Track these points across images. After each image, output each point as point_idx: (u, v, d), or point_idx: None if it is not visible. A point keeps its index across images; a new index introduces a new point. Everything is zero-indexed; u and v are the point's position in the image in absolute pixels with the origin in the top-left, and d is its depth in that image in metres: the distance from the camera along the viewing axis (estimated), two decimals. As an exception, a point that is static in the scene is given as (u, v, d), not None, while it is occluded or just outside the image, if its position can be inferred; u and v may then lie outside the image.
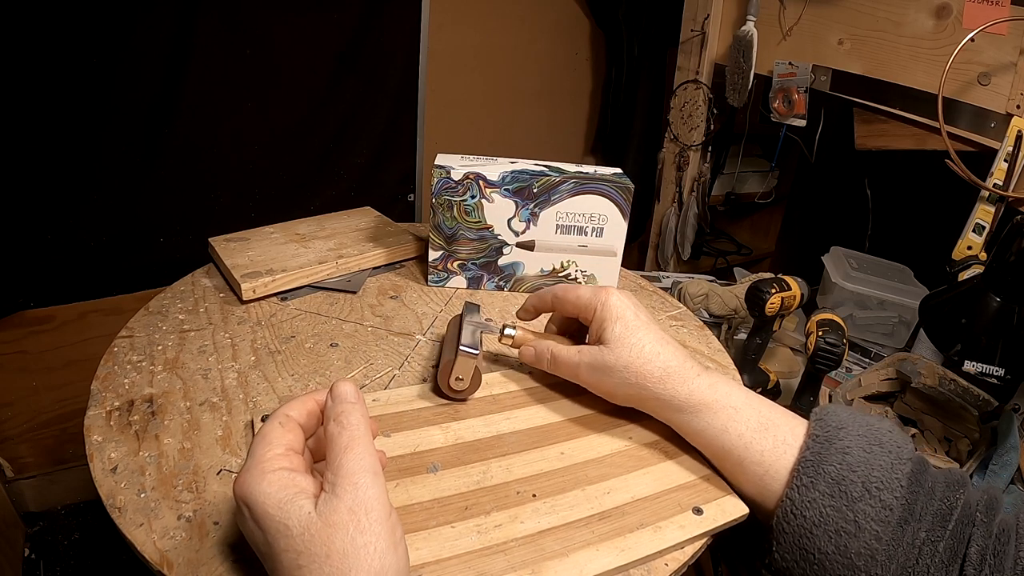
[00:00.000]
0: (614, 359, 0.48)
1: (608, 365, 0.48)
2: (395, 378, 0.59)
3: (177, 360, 0.58)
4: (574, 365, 0.50)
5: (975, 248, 0.90)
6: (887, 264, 1.31)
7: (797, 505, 0.41)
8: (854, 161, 1.25)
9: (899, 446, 0.42)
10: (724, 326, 1.15)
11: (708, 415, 0.46)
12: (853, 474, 0.40)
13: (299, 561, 0.31)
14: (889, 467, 0.40)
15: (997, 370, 0.70)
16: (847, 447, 0.41)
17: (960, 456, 0.81)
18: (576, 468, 0.49)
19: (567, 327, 0.57)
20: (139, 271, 1.20)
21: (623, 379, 0.48)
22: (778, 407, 0.47)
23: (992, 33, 0.87)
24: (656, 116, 1.79)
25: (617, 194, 0.71)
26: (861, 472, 0.40)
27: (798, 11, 1.17)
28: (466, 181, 0.70)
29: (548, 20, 1.73)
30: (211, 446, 0.49)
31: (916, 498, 0.40)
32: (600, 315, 0.50)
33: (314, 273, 0.73)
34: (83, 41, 1.02)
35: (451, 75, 1.61)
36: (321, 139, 1.34)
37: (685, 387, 0.47)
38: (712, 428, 0.46)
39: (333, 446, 0.34)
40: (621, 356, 0.48)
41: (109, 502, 0.43)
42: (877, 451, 0.41)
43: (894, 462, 0.40)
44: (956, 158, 0.89)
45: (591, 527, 0.43)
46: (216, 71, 1.15)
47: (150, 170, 1.16)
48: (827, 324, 0.84)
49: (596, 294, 0.51)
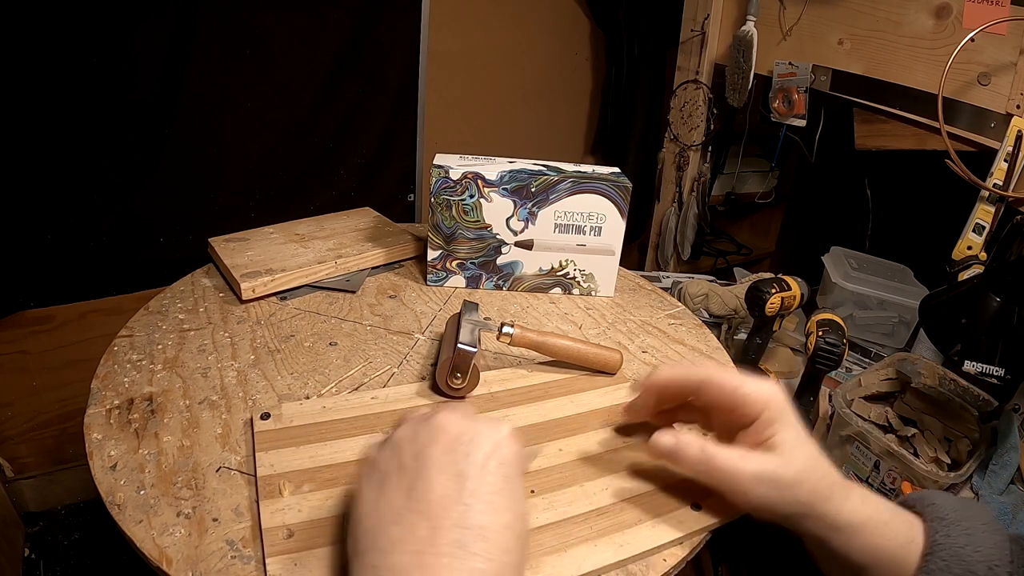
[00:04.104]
0: (790, 473, 0.42)
1: (781, 479, 0.42)
2: (394, 376, 0.59)
3: (177, 359, 0.59)
4: (735, 471, 0.42)
5: (975, 248, 0.90)
6: (887, 264, 1.31)
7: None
8: (854, 161, 1.25)
9: (997, 527, 0.45)
10: (724, 326, 1.15)
11: (865, 534, 0.43)
12: (977, 554, 0.42)
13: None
14: (1000, 544, 0.43)
15: (997, 370, 0.70)
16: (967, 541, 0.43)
17: (960, 456, 0.81)
18: (574, 464, 0.49)
19: (668, 404, 0.50)
20: (139, 271, 1.20)
21: (794, 496, 0.42)
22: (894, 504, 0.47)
23: (992, 33, 0.87)
24: (656, 116, 1.79)
25: (615, 193, 0.71)
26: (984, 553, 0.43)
27: (798, 11, 1.17)
28: (464, 180, 0.70)
29: (548, 20, 1.73)
30: (210, 444, 0.49)
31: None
32: (768, 416, 0.43)
33: (313, 273, 0.74)
34: (83, 41, 1.02)
35: (451, 75, 1.61)
36: (321, 139, 1.34)
37: (848, 503, 0.43)
38: (869, 547, 0.43)
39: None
40: (797, 469, 0.42)
41: (109, 499, 0.43)
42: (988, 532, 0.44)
43: (1000, 540, 0.43)
44: (956, 158, 0.89)
45: (589, 523, 0.43)
46: (216, 71, 1.16)
47: (150, 170, 1.16)
48: (827, 324, 0.84)
49: (763, 390, 0.44)
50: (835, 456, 0.86)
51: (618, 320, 0.73)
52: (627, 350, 0.67)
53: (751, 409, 0.43)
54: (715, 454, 0.43)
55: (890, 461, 0.78)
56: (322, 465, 0.46)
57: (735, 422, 0.45)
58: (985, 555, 0.42)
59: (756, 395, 0.43)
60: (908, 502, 0.47)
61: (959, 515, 0.44)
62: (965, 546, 0.43)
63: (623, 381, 0.60)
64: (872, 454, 0.80)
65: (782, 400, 0.44)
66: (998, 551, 0.43)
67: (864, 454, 0.81)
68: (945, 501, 0.46)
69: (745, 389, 0.44)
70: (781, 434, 0.43)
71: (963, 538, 0.43)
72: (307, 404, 0.52)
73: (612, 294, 0.78)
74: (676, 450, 0.43)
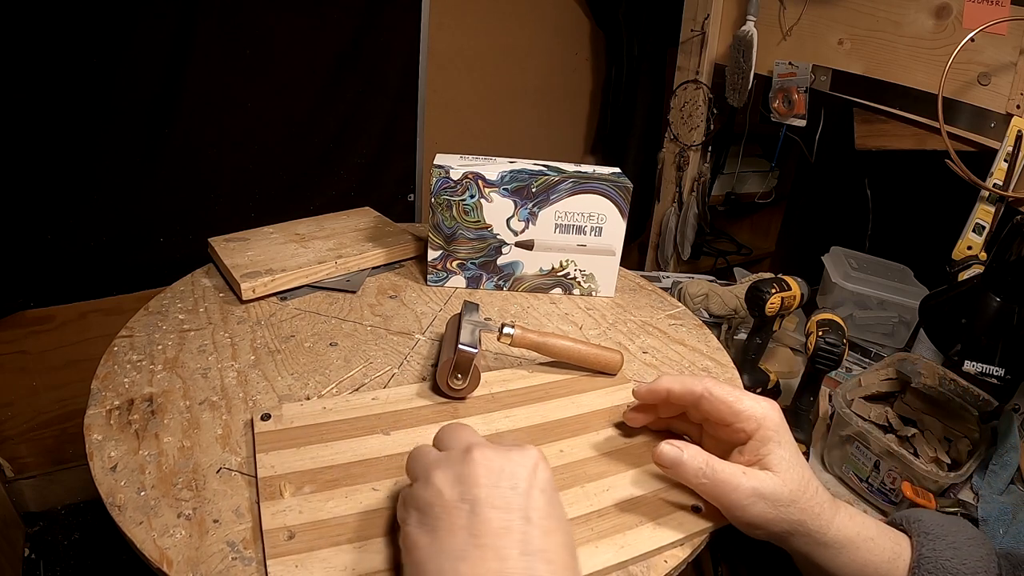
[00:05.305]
0: (786, 491, 0.43)
1: (777, 495, 0.43)
2: (394, 377, 0.59)
3: (177, 359, 0.58)
4: (734, 486, 0.43)
5: (975, 248, 0.90)
6: (887, 264, 1.31)
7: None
8: (854, 161, 1.25)
9: (984, 541, 0.47)
10: (724, 326, 1.15)
11: (852, 551, 0.45)
12: (963, 566, 0.44)
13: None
14: (987, 557, 0.46)
15: (997, 370, 0.70)
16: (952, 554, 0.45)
17: (960, 456, 0.81)
18: (575, 466, 0.49)
19: (667, 413, 0.52)
20: (139, 271, 1.20)
21: (788, 514, 0.43)
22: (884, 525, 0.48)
23: (992, 33, 0.87)
24: (656, 116, 1.79)
25: (616, 193, 0.71)
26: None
27: (798, 11, 1.17)
28: (465, 181, 0.70)
29: (548, 20, 1.73)
30: (211, 444, 0.49)
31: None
32: (763, 434, 0.44)
33: (313, 273, 0.74)
34: (83, 41, 1.02)
35: (451, 75, 1.61)
36: (321, 139, 1.34)
37: (836, 520, 0.44)
38: (855, 563, 0.45)
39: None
40: (791, 487, 0.43)
41: (109, 500, 0.43)
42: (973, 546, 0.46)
43: (986, 554, 0.46)
44: (956, 158, 0.89)
45: (590, 524, 0.43)
46: (216, 71, 1.16)
47: (150, 170, 1.16)
48: (827, 324, 0.84)
49: (759, 407, 0.45)
50: (835, 456, 0.86)
51: (618, 320, 0.73)
52: (627, 351, 0.67)
53: (747, 425, 0.45)
54: (719, 469, 0.43)
55: (890, 461, 0.78)
56: (323, 466, 0.46)
57: (731, 437, 0.46)
58: (971, 567, 0.44)
59: (752, 412, 0.45)
60: (895, 520, 0.49)
61: (944, 530, 0.46)
62: (951, 559, 0.44)
63: (624, 382, 0.60)
64: (872, 454, 0.80)
65: (778, 418, 0.45)
66: (984, 564, 0.45)
67: (864, 454, 0.81)
68: (931, 517, 0.48)
69: (742, 405, 0.45)
70: (777, 453, 0.44)
71: (949, 551, 0.45)
72: (308, 405, 0.52)
73: (612, 294, 0.78)
74: (681, 462, 0.44)
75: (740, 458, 0.45)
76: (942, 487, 0.76)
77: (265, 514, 0.41)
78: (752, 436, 0.45)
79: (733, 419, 0.45)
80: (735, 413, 0.45)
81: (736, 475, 0.43)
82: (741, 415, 0.45)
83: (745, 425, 0.45)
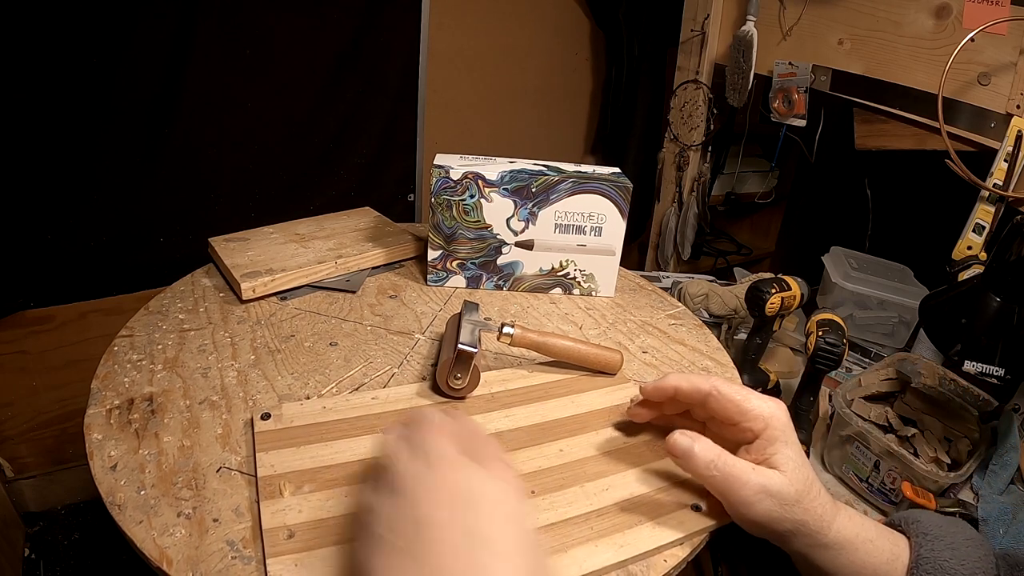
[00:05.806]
0: (792, 490, 0.43)
1: (784, 494, 0.43)
2: (394, 376, 0.59)
3: (177, 359, 0.58)
4: (744, 481, 0.43)
5: (975, 248, 0.90)
6: (887, 264, 1.31)
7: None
8: (854, 161, 1.25)
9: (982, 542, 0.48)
10: (724, 326, 1.15)
11: (851, 552, 0.45)
12: (962, 567, 0.45)
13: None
14: (985, 558, 0.46)
15: (997, 370, 0.70)
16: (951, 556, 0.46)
17: (960, 456, 0.81)
18: (575, 465, 0.49)
19: (672, 410, 0.52)
20: (139, 271, 1.20)
21: (792, 513, 0.43)
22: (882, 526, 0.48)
23: (992, 33, 0.87)
24: (656, 116, 1.79)
25: (615, 193, 0.71)
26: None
27: (798, 11, 1.17)
28: (465, 180, 0.70)
29: (548, 20, 1.73)
30: (211, 444, 0.49)
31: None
32: (771, 434, 0.44)
33: (313, 273, 0.74)
34: (83, 41, 1.02)
35: (451, 75, 1.61)
36: (321, 139, 1.34)
37: (836, 522, 0.45)
38: (854, 564, 0.45)
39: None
40: (797, 487, 0.43)
41: (109, 499, 0.43)
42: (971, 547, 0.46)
43: (984, 554, 0.46)
44: (956, 158, 0.89)
45: (590, 523, 0.43)
46: (216, 71, 1.16)
47: (150, 170, 1.16)
48: (827, 324, 0.84)
49: (767, 406, 0.45)
50: (835, 456, 0.86)
51: (618, 320, 0.73)
52: (627, 350, 0.67)
53: (755, 424, 0.45)
54: (730, 463, 0.44)
55: (890, 461, 0.78)
56: (323, 465, 0.46)
57: (737, 436, 0.46)
58: (970, 568, 0.44)
59: (760, 411, 0.45)
60: (894, 522, 0.49)
61: (943, 531, 0.47)
62: (949, 560, 0.44)
63: (623, 381, 0.60)
64: (872, 454, 0.80)
65: (786, 418, 0.45)
66: (982, 564, 0.45)
67: (864, 454, 0.81)
68: (929, 518, 0.48)
69: (750, 404, 0.45)
70: (784, 452, 0.44)
71: (947, 552, 0.45)
72: (307, 404, 0.52)
73: (612, 294, 0.78)
74: (693, 453, 0.44)
75: (746, 456, 0.45)
76: (942, 487, 0.76)
77: (265, 513, 0.41)
78: (759, 435, 0.45)
79: (740, 418, 0.45)
80: (743, 412, 0.45)
81: (746, 470, 0.43)
82: (749, 414, 0.45)
83: (752, 424, 0.45)
